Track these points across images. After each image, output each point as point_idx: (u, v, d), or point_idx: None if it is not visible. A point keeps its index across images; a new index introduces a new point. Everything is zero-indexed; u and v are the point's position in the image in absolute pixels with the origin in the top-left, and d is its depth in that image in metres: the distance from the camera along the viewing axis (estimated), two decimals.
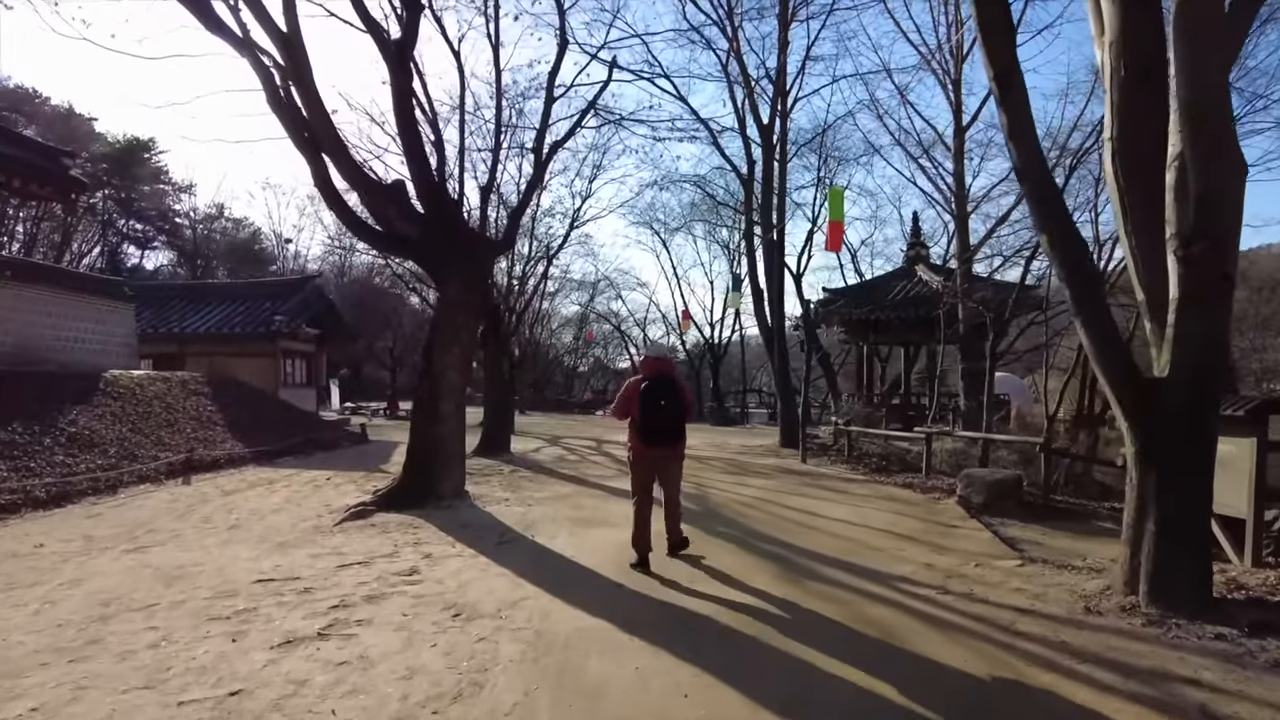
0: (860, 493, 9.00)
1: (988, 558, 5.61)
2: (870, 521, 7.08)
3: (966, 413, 16.58)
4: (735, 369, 37.13)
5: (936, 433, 11.14)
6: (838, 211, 9.92)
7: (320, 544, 5.92)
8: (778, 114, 15.17)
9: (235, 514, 7.30)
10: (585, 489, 9.04)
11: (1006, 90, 4.52)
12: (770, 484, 9.67)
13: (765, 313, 15.68)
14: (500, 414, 13.52)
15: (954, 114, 16.48)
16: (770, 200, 15.38)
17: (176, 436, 11.12)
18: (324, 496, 8.39)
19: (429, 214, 7.62)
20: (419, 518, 6.91)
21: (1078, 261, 4.42)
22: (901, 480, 9.96)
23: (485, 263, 7.72)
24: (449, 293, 7.50)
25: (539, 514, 7.25)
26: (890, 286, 19.96)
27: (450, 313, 7.50)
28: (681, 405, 5.07)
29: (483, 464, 11.51)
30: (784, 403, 14.71)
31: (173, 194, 40.80)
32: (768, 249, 15.46)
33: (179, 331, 19.33)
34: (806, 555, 5.63)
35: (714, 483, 9.73)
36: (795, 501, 8.19)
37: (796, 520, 7.10)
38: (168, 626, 3.80)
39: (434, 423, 7.55)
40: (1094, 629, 3.87)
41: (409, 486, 7.53)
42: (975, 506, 8.07)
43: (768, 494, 8.77)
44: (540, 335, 43.59)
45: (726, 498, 8.43)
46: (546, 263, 23.80)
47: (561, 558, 5.48)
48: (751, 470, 11.30)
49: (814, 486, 9.48)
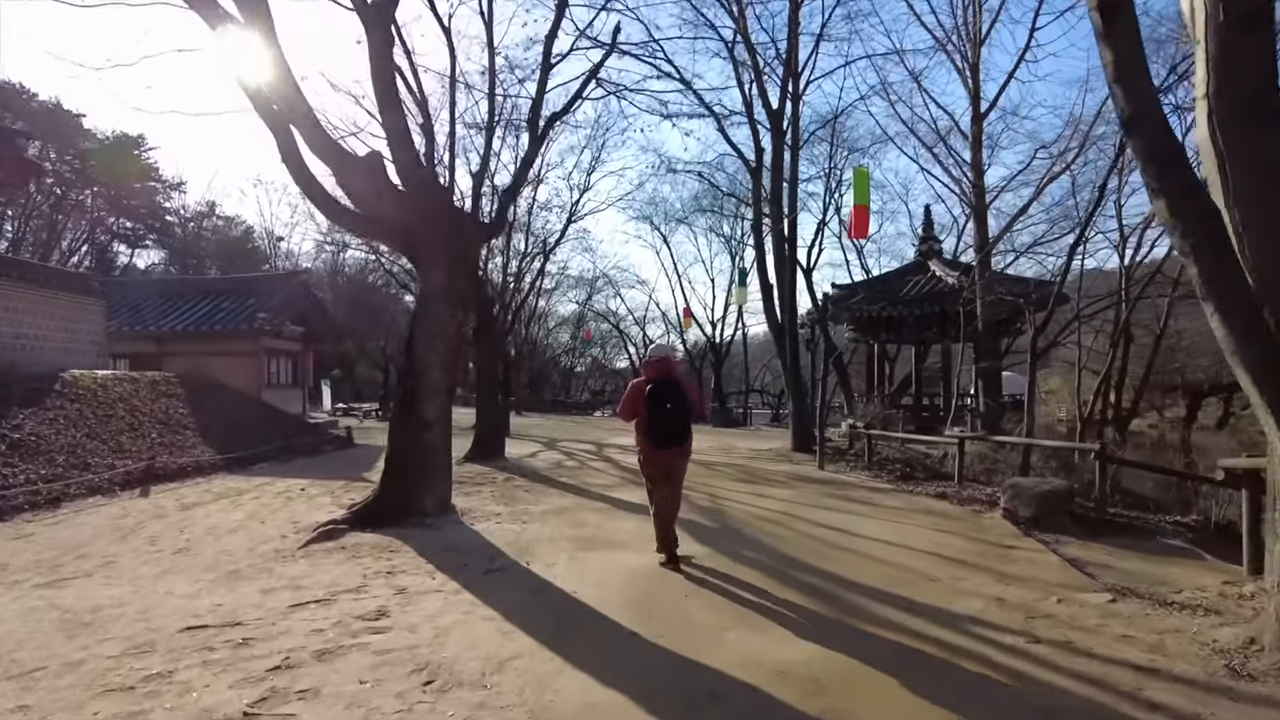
0: (891, 505, 8.12)
1: (1068, 590, 4.73)
2: (913, 541, 6.20)
3: (986, 413, 15.75)
4: (736, 368, 36.26)
5: (970, 437, 10.25)
6: (863, 194, 9.04)
7: (277, 574, 5.02)
8: (788, 97, 14.28)
9: (188, 534, 6.39)
10: (587, 501, 8.14)
11: (1111, 19, 3.65)
12: (790, 495, 8.79)
13: (775, 308, 14.78)
14: (494, 416, 12.61)
15: (972, 100, 15.62)
16: (780, 189, 14.49)
17: (139, 442, 10.19)
18: (294, 511, 7.48)
19: (410, 191, 6.72)
20: (397, 539, 6.01)
21: (1207, 232, 3.54)
22: (933, 490, 9.08)
23: (474, 247, 6.83)
24: (433, 280, 6.60)
25: (535, 533, 6.35)
26: (903, 282, 19.11)
27: (434, 303, 6.60)
28: (687, 406, 5.07)
29: (474, 471, 10.61)
30: (796, 404, 13.83)
31: (163, 191, 39.86)
32: (777, 241, 14.57)
33: (156, 329, 18.37)
34: (852, 588, 4.74)
35: (729, 494, 8.84)
36: (823, 517, 7.31)
37: (830, 541, 6.22)
38: (44, 707, 2.90)
39: (416, 429, 6.65)
40: (1253, 701, 3.00)
41: (387, 501, 6.63)
42: (1023, 521, 7.21)
43: (791, 507, 7.89)
44: (537, 334, 42.74)
45: (745, 512, 7.54)
46: (543, 258, 22.94)
47: (561, 592, 4.59)
48: (766, 478, 10.41)
49: (839, 498, 8.60)
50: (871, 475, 10.68)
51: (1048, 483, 7.54)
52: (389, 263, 22.76)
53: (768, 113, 14.71)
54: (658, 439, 5.00)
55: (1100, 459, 7.38)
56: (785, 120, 14.43)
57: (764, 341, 38.63)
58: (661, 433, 4.99)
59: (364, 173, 6.33)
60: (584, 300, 37.73)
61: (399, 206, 6.62)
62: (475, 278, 12.00)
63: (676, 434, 5.04)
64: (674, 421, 5.00)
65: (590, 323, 41.16)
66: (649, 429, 4.99)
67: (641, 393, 5.02)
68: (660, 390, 4.98)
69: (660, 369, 5.14)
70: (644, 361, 5.71)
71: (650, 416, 4.97)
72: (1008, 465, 11.14)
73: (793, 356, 14.04)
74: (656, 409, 4.95)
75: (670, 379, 5.09)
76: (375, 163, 6.46)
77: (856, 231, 9.61)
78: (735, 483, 9.84)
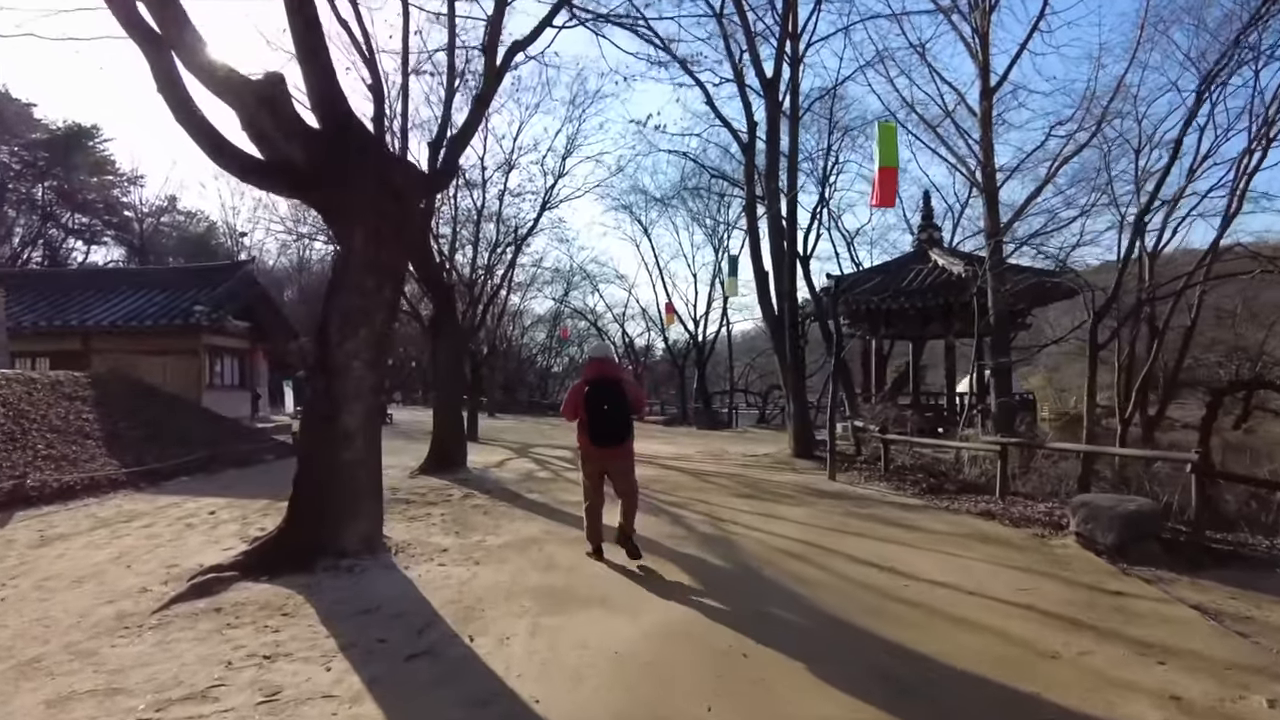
0: (935, 528, 6.66)
1: (1252, 674, 3.28)
2: (989, 585, 4.72)
3: (1000, 414, 14.44)
4: (719, 366, 34.85)
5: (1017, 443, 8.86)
6: (890, 154, 7.59)
7: (98, 661, 3.38)
8: (786, 61, 12.77)
9: (10, 586, 4.70)
10: (559, 528, 6.56)
11: None
12: (808, 515, 7.28)
13: (771, 298, 13.30)
14: (455, 421, 10.95)
15: (980, 74, 14.23)
16: (776, 164, 13.00)
17: (17, 455, 8.40)
18: (182, 547, 5.80)
19: (326, 129, 5.10)
20: (299, 592, 4.40)
21: None
22: (974, 507, 7.65)
23: (409, 201, 5.21)
24: (352, 244, 4.98)
25: (488, 581, 4.76)
26: (902, 273, 17.77)
27: (355, 275, 4.98)
28: (626, 406, 5.10)
29: (427, 487, 8.98)
30: (797, 405, 12.36)
31: (120, 185, 37.71)
32: (774, 223, 13.08)
33: (80, 324, 16.39)
34: (946, 677, 3.24)
35: (732, 514, 7.32)
36: (859, 548, 5.81)
37: (881, 587, 4.71)
38: None
39: (331, 442, 5.03)
40: None
41: (294, 537, 5.00)
42: (1104, 549, 5.80)
43: (813, 534, 6.38)
44: (512, 333, 40.97)
45: (759, 543, 6.02)
46: (515, 249, 21.26)
47: (517, 701, 3.01)
48: (773, 492, 8.90)
49: (867, 519, 7.12)
50: (892, 487, 9.24)
51: (1131, 501, 6.12)
52: None
53: (761, 81, 13.22)
54: (596, 437, 5.06)
55: (1200, 472, 5.97)
56: (781, 89, 12.94)
57: (747, 338, 37.31)
58: (600, 432, 5.05)
59: (253, 101, 4.69)
60: (561, 296, 36.01)
61: (307, 148, 4.99)
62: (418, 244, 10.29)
63: (615, 433, 5.07)
64: (612, 421, 5.04)
65: (567, 320, 39.51)
66: (588, 428, 5.06)
67: (581, 393, 5.09)
68: (598, 390, 5.04)
69: (598, 369, 5.18)
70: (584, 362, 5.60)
71: (589, 416, 5.03)
72: (1045, 475, 9.79)
73: (794, 352, 12.55)
74: (595, 409, 5.02)
75: (609, 379, 5.13)
76: (273, 88, 4.82)
77: (881, 198, 8.10)
78: (737, 499, 8.32)
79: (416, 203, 5.42)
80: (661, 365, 41.89)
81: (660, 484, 9.34)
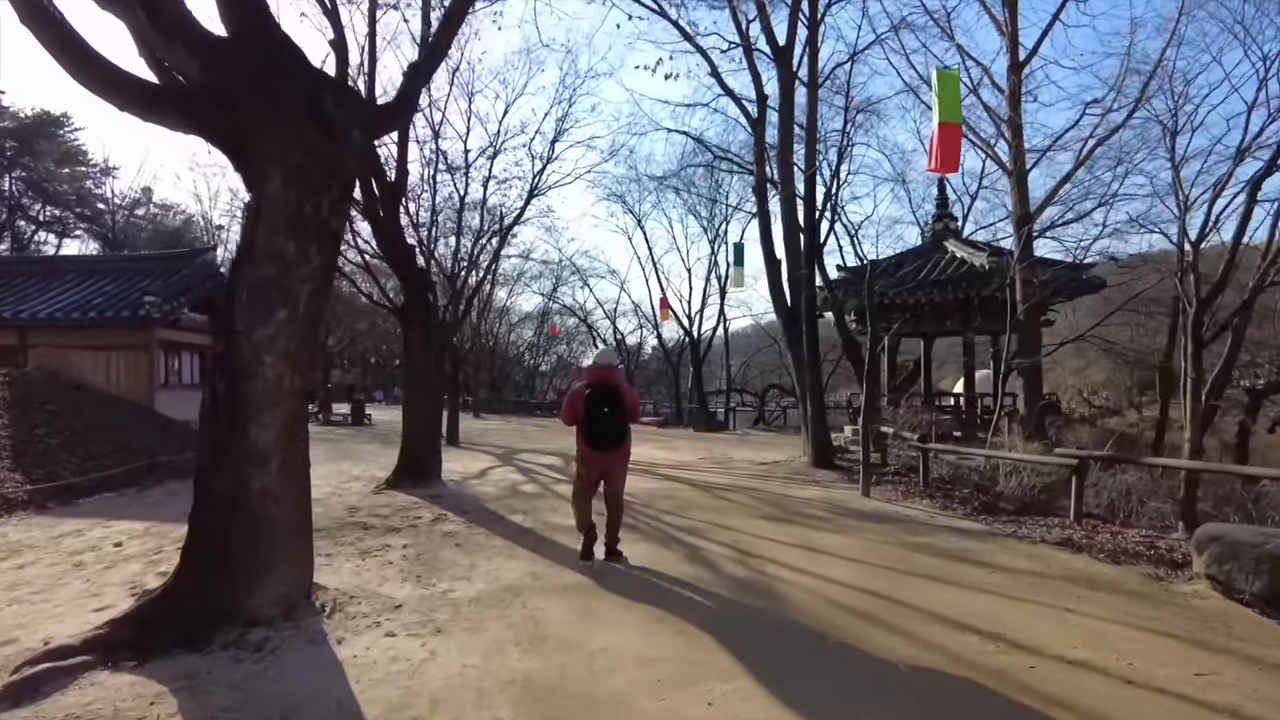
0: (1015, 565, 5.35)
1: None
2: (1145, 667, 3.40)
3: (1032, 418, 13.21)
4: (713, 365, 33.54)
5: (1098, 456, 7.58)
6: (952, 107, 6.24)
7: None
8: (802, 22, 11.44)
9: None
10: (549, 567, 5.19)
11: None
12: (855, 547, 5.94)
13: (784, 288, 11.96)
14: (428, 425, 9.52)
15: (1009, 48, 13.09)
16: (791, 140, 11.67)
17: None
18: (47, 602, 4.35)
19: (234, 37, 3.69)
20: (176, 690, 3.01)
21: None
22: (1050, 534, 6.36)
23: (348, 139, 3.81)
24: (267, 193, 3.58)
25: (451, 668, 3.37)
26: (917, 266, 16.54)
27: (270, 237, 3.58)
28: (624, 411, 5.13)
29: (393, 505, 7.58)
30: (815, 408, 10.99)
31: (93, 176, 36.07)
32: (788, 206, 11.75)
33: (14, 317, 14.75)
34: None
35: (761, 544, 5.97)
36: (937, 599, 4.48)
37: (995, 669, 3.36)
38: None
39: (236, 466, 3.62)
40: None
41: (183, 599, 3.60)
42: (1250, 598, 4.54)
43: (872, 576, 5.04)
44: (499, 330, 39.47)
45: (808, 591, 4.67)
46: (500, 238, 19.80)
47: None
48: (801, 513, 7.57)
49: (928, 552, 5.80)
50: (938, 506, 7.93)
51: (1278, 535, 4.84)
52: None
53: (774, 49, 11.90)
54: (596, 441, 5.07)
55: None
56: (797, 54, 11.61)
57: (744, 336, 36.00)
58: (599, 435, 5.06)
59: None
60: (550, 291, 34.54)
61: (207, 62, 3.59)
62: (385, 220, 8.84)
63: (614, 437, 5.09)
64: (611, 425, 5.07)
65: (556, 317, 38.04)
66: (587, 431, 5.07)
67: (581, 397, 5.09)
68: (599, 395, 5.05)
69: (600, 375, 5.18)
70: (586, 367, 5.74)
71: (588, 419, 5.04)
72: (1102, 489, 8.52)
73: (810, 347, 11.20)
74: (594, 412, 5.03)
75: (609, 384, 5.13)
76: None
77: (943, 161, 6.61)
78: (762, 522, 6.98)
79: (360, 141, 4.01)
80: (653, 364, 40.56)
81: (668, 501, 8.00)
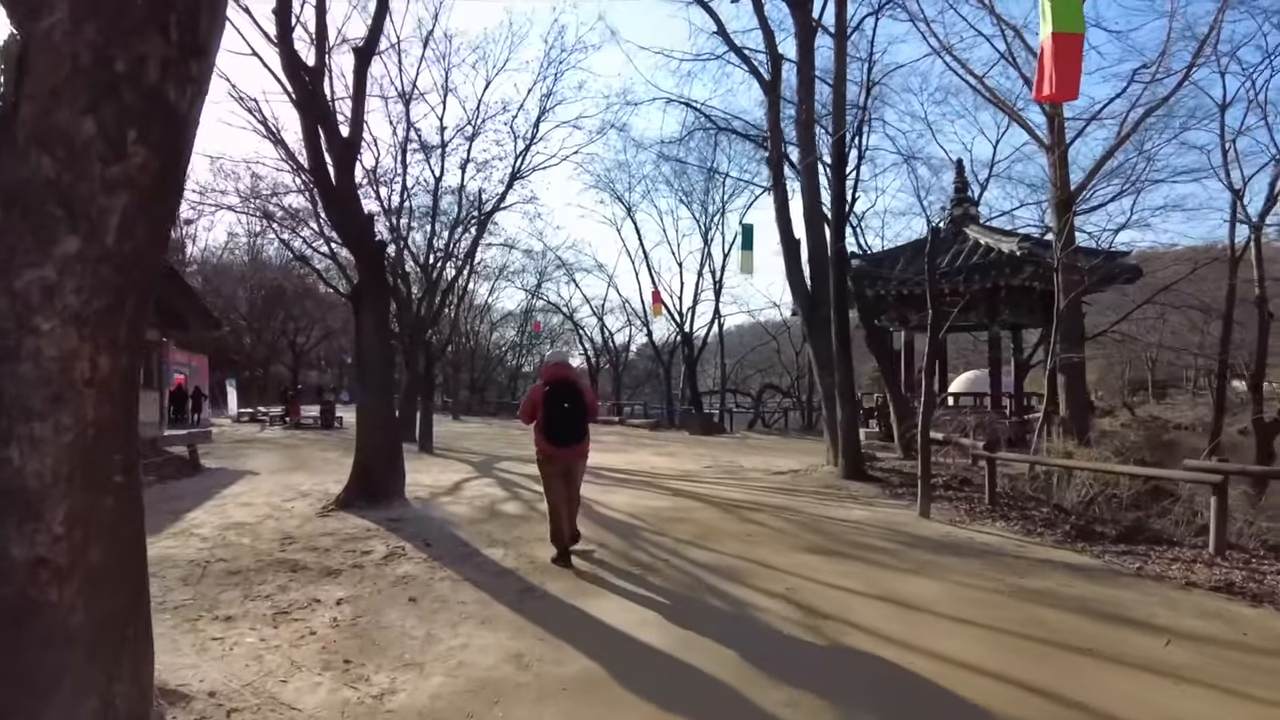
0: (1187, 627, 3.87)
1: None
2: None
3: (1071, 421, 11.86)
4: (706, 364, 32.07)
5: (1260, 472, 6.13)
6: (1071, 14, 4.77)
7: None
8: None
9: None
10: (543, 642, 3.62)
11: None
12: (951, 598, 4.43)
13: (803, 272, 10.48)
14: (387, 434, 7.87)
15: None
16: (812, 102, 10.19)
17: None
18: None
19: None
20: None
21: None
22: (1194, 574, 4.91)
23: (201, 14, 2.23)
24: (43, 28, 2.03)
25: None
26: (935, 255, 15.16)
27: (50, 108, 2.02)
28: (583, 407, 5.16)
29: (340, 534, 5.99)
30: (845, 412, 9.43)
31: None
32: (809, 178, 10.28)
33: None
34: None
35: (822, 594, 4.46)
36: (1111, 696, 2.99)
37: None
38: None
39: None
40: None
41: None
42: None
43: (999, 651, 3.53)
44: (480, 329, 37.79)
45: (919, 687, 3.15)
46: (480, 225, 18.20)
47: None
48: (856, 543, 6.03)
49: (1052, 604, 4.30)
50: (1018, 529, 6.45)
51: None
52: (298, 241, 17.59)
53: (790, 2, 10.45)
54: (556, 438, 5.07)
55: None
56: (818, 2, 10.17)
57: (739, 333, 34.62)
58: (559, 432, 5.07)
59: None
60: (533, 287, 32.90)
61: None
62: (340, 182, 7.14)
63: (573, 433, 5.12)
64: (570, 421, 5.09)
65: (539, 314, 36.38)
66: (547, 428, 5.07)
67: (540, 394, 5.09)
68: (558, 392, 5.07)
69: (556, 372, 5.20)
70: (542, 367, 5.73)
71: (548, 416, 5.05)
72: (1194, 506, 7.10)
73: (840, 339, 9.67)
74: (554, 409, 5.04)
75: (567, 381, 5.15)
76: None
77: (1060, 86, 4.92)
78: (811, 556, 5.45)
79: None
80: (641, 363, 39.05)
81: (684, 526, 6.46)
